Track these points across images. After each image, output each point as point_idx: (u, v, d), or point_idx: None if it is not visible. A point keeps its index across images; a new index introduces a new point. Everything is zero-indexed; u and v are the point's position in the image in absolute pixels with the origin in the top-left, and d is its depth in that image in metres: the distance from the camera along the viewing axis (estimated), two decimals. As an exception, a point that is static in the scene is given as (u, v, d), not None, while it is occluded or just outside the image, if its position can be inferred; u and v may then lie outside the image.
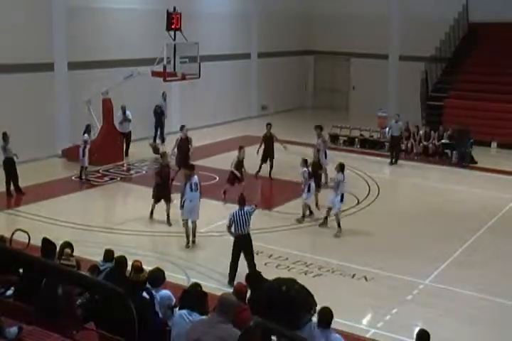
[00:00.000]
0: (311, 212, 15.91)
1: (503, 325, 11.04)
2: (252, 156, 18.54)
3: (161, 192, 15.27)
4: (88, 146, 18.82)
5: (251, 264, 11.93)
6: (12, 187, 17.07)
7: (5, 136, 17.18)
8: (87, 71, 21.44)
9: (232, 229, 12.03)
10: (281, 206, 16.80)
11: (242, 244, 12.04)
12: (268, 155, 19.29)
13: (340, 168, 14.97)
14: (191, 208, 13.91)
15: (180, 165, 17.50)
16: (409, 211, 16.94)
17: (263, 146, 19.20)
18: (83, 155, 18.68)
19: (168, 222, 15.15)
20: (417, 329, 7.62)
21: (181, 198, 14.01)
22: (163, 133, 24.03)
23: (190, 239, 14.01)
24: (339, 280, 12.45)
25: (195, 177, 14.10)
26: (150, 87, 22.49)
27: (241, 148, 17.35)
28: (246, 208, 12.03)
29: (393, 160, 21.82)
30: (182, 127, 18.51)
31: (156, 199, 15.34)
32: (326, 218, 15.33)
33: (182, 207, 13.94)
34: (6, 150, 17.11)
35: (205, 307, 7.29)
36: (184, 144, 18.22)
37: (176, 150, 18.37)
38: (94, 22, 22.01)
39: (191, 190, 13.89)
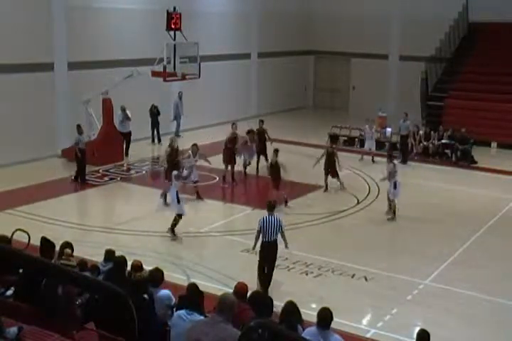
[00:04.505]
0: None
1: (503, 325, 11.03)
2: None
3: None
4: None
5: (270, 273, 11.58)
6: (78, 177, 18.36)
7: (79, 128, 18.35)
8: (87, 71, 21.46)
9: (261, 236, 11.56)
10: (281, 206, 16.78)
11: (266, 252, 11.52)
12: (261, 151, 19.66)
13: (390, 158, 16.73)
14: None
15: (227, 162, 18.49)
16: (409, 211, 16.92)
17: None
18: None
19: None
20: (417, 329, 7.62)
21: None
22: (159, 133, 24.02)
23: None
24: (339, 280, 12.45)
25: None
26: (150, 87, 22.48)
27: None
28: (277, 215, 11.67)
29: (402, 160, 21.80)
30: (232, 124, 18.89)
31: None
32: (393, 211, 16.02)
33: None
34: (80, 142, 18.26)
35: (200, 306, 7.29)
36: (232, 142, 18.58)
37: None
38: (94, 22, 22.02)
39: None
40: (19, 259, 6.35)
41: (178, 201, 14.20)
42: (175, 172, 14.66)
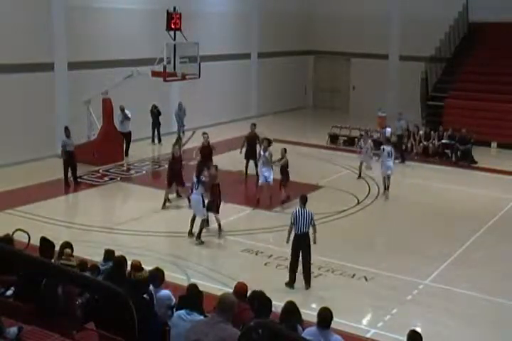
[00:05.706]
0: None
1: (503, 325, 11.03)
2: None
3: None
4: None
5: (307, 266, 11.96)
6: (71, 177, 18.19)
7: (66, 130, 18.16)
8: (87, 71, 21.45)
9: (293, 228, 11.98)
10: (281, 206, 16.79)
11: (298, 243, 11.93)
12: (251, 156, 19.00)
13: (387, 141, 18.92)
14: None
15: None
16: (409, 211, 16.95)
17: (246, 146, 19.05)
18: None
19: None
20: (417, 330, 7.60)
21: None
22: (160, 133, 24.01)
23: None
24: (339, 280, 12.45)
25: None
26: (150, 87, 22.47)
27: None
28: (308, 208, 11.98)
29: (401, 159, 21.78)
30: (203, 134, 18.24)
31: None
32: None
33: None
34: (67, 144, 18.03)
35: (201, 307, 7.30)
36: (206, 150, 17.98)
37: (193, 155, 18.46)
38: (94, 22, 22.01)
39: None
40: (19, 259, 6.35)
41: (204, 205, 14.17)
42: (194, 179, 14.29)
